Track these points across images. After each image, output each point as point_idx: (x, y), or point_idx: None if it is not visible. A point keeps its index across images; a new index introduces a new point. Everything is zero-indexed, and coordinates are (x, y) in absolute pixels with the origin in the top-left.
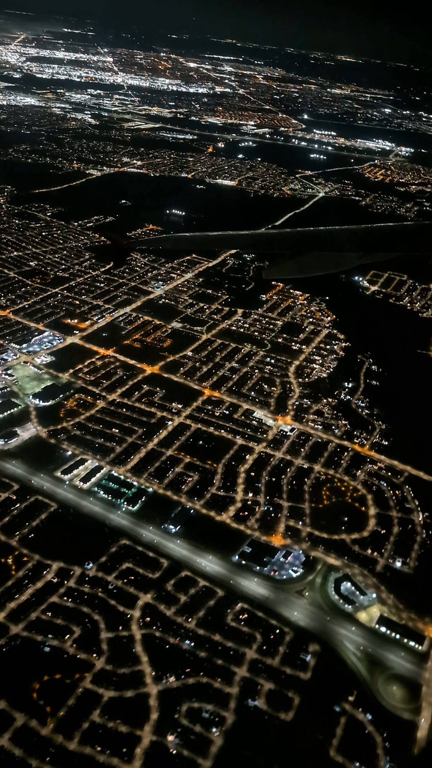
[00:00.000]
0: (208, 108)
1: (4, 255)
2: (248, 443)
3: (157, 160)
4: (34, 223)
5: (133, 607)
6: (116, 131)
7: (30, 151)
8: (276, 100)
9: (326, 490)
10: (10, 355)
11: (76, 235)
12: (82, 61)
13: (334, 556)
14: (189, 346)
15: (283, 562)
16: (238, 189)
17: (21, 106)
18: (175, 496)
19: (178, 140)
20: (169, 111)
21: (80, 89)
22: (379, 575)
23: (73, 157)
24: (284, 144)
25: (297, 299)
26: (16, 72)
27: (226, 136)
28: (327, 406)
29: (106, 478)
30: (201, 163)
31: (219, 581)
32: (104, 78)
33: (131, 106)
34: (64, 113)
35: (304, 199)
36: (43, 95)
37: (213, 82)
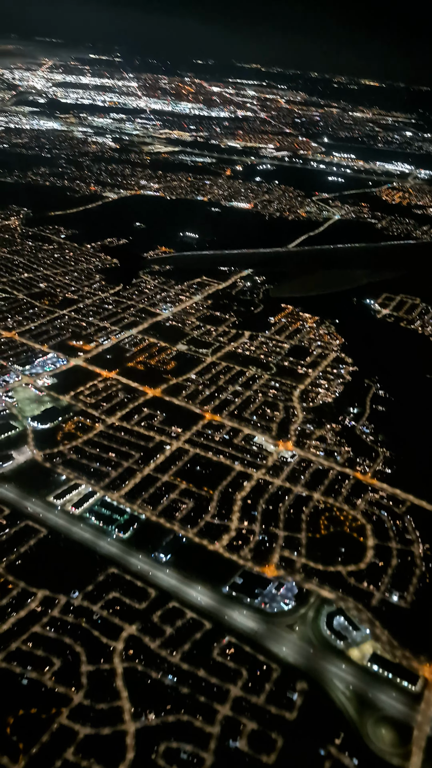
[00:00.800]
0: (229, 131)
1: (15, 276)
2: (247, 469)
3: (174, 183)
4: (47, 245)
5: (116, 639)
6: (136, 155)
7: (49, 174)
8: (297, 123)
9: (324, 519)
10: (12, 377)
11: (88, 257)
12: (107, 86)
13: (328, 588)
14: (193, 369)
15: (274, 594)
16: (254, 212)
17: (43, 130)
18: (168, 523)
19: (197, 163)
20: (190, 135)
21: (103, 113)
22: (375, 610)
23: (90, 180)
24: (302, 167)
25: (306, 322)
26: (41, 97)
27: (245, 159)
28: (330, 431)
29: (99, 504)
30: (218, 186)
31: (207, 613)
32: (127, 102)
33: (152, 129)
34: (86, 137)
35: (320, 221)
36: (66, 119)
37: (235, 106)
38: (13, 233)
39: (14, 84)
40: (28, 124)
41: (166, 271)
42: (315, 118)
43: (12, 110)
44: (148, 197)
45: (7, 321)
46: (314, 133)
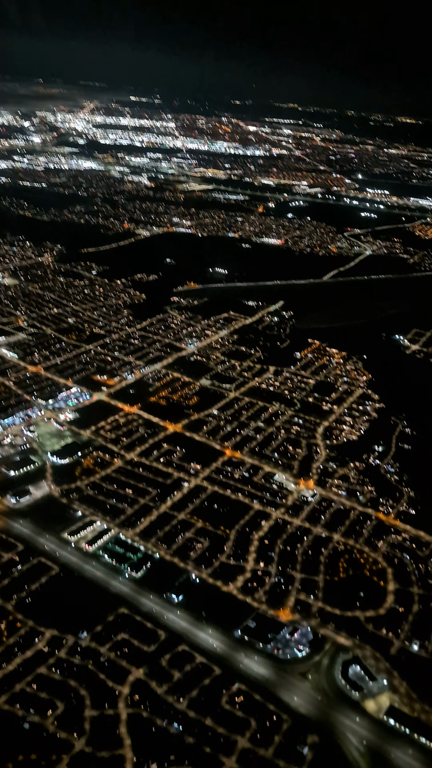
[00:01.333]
0: (263, 169)
1: (45, 312)
2: (265, 508)
3: (207, 220)
4: (78, 281)
5: (122, 683)
6: (170, 192)
7: (84, 212)
8: (331, 160)
9: (344, 561)
10: (36, 412)
11: (118, 292)
12: (146, 127)
13: (344, 635)
14: (215, 404)
15: (288, 640)
16: (284, 247)
17: (82, 170)
18: (182, 563)
19: (230, 201)
20: (224, 173)
21: (140, 153)
22: (393, 659)
23: (124, 218)
24: (335, 203)
25: (333, 357)
26: (82, 138)
27: (278, 196)
28: (353, 470)
29: (113, 542)
30: (250, 222)
31: (218, 658)
32: (165, 142)
33: (187, 168)
34: (122, 176)
35: (351, 256)
36: (104, 159)
37: (270, 145)
38: (45, 270)
39: (56, 126)
40: (67, 164)
41: (193, 306)
42: (350, 155)
43: (52, 151)
44: (179, 234)
45: (34, 356)
46: (348, 170)
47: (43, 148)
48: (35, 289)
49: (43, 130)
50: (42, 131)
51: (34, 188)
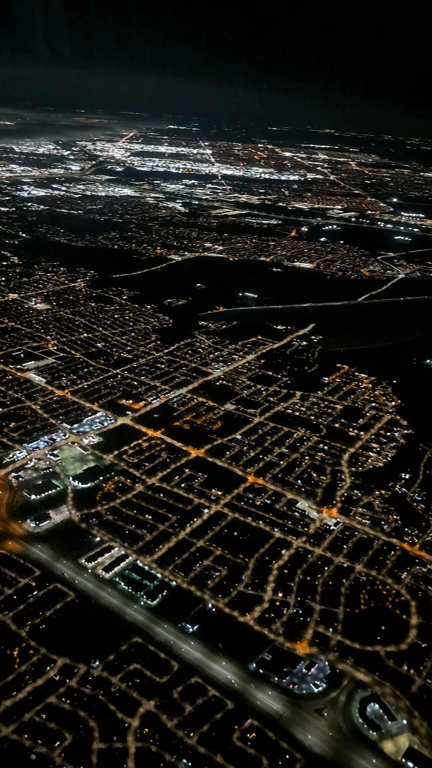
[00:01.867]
0: (297, 194)
1: (75, 336)
2: (286, 537)
3: (239, 244)
4: (108, 306)
5: (132, 715)
6: (203, 218)
7: (118, 238)
8: (366, 184)
9: (365, 593)
10: (60, 435)
11: (147, 317)
12: (182, 154)
13: (364, 670)
14: (239, 429)
15: (305, 674)
16: (316, 271)
17: (117, 197)
18: (198, 591)
19: (262, 225)
20: (258, 198)
21: (176, 180)
22: (414, 697)
23: (157, 244)
24: (369, 227)
25: (361, 382)
26: (119, 166)
27: (311, 220)
28: (379, 498)
29: (130, 568)
30: (282, 246)
31: (231, 691)
32: (200, 169)
33: (222, 194)
34: (157, 202)
35: (383, 280)
36: (140, 186)
37: (305, 170)
38: (77, 295)
39: (95, 155)
40: (104, 191)
41: (221, 330)
42: (385, 178)
43: (90, 179)
44: (211, 259)
45: (62, 380)
46: (383, 194)
47: (81, 176)
48: (66, 314)
49: (82, 158)
50: (81, 160)
51: (71, 215)
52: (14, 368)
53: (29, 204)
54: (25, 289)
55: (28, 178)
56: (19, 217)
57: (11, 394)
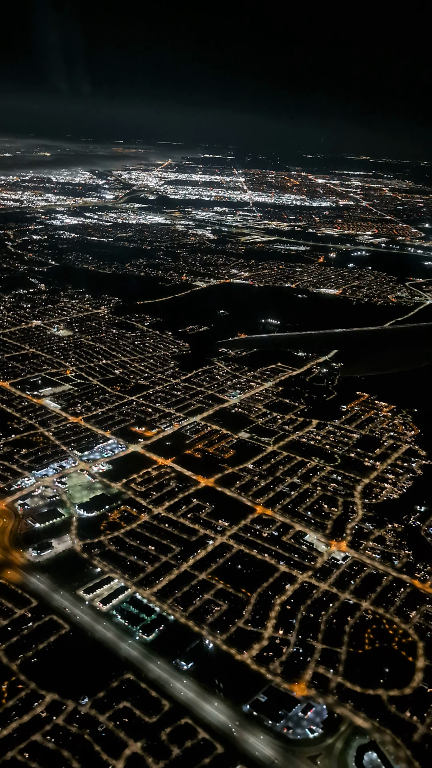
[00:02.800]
0: (328, 220)
1: (93, 363)
2: (292, 570)
3: (265, 271)
4: (130, 332)
5: (118, 757)
6: (232, 245)
7: (145, 265)
8: (399, 210)
9: (370, 632)
10: (70, 463)
11: (167, 344)
12: (215, 182)
13: (363, 716)
14: (251, 458)
15: (301, 718)
16: (341, 297)
17: (148, 224)
18: (196, 627)
19: (290, 252)
20: (288, 224)
21: (207, 207)
22: (415, 746)
23: (183, 270)
24: (399, 252)
25: (380, 411)
26: (152, 194)
27: (340, 246)
28: (391, 532)
29: (128, 601)
30: (308, 273)
31: (222, 734)
32: (232, 196)
33: (252, 221)
34: (187, 229)
35: (410, 306)
36: (171, 214)
37: (338, 196)
38: (100, 321)
39: (129, 183)
40: (135, 219)
41: (241, 357)
42: (418, 204)
43: (122, 207)
44: (236, 285)
45: (76, 407)
46: (415, 219)
47: (114, 204)
48: (87, 340)
49: (116, 187)
50: (115, 188)
51: (101, 243)
52: (31, 394)
53: (61, 232)
54: (49, 316)
55: (62, 207)
56: (50, 245)
57: (25, 420)
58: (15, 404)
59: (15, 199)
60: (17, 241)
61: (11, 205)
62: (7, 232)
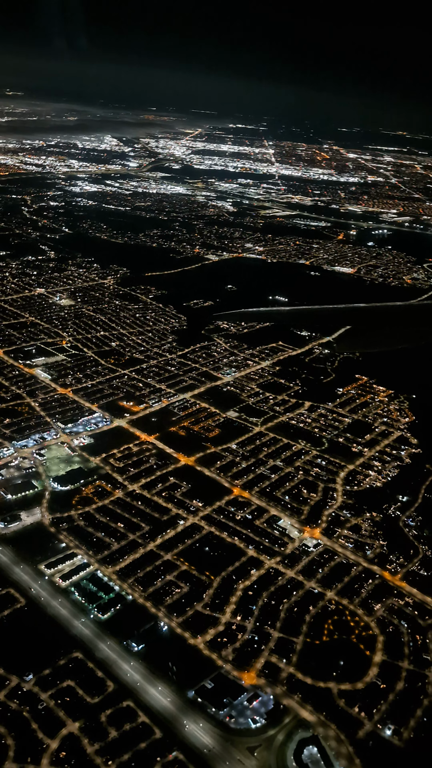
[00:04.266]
0: (353, 196)
1: (90, 334)
2: (260, 555)
3: (280, 246)
4: (132, 304)
5: (53, 736)
6: (250, 218)
7: (159, 236)
8: (429, 188)
9: (331, 623)
10: (52, 434)
11: (168, 318)
12: (244, 153)
13: (310, 708)
14: (236, 439)
15: (245, 707)
16: (355, 276)
17: (168, 194)
18: (153, 608)
19: (310, 227)
20: (312, 199)
21: (231, 179)
22: (359, 744)
23: (197, 243)
24: (422, 232)
25: (377, 395)
26: (177, 163)
27: (362, 223)
28: (368, 521)
29: (88, 578)
30: (325, 250)
31: (162, 719)
32: (259, 168)
33: (275, 194)
34: (207, 201)
35: (425, 288)
36: (193, 184)
37: (367, 172)
38: (104, 292)
39: (155, 152)
40: (156, 189)
41: (242, 334)
42: None
43: (145, 176)
44: (248, 260)
45: (67, 378)
46: None
47: (137, 172)
48: (88, 311)
49: (142, 155)
50: (140, 156)
51: (118, 211)
52: (23, 363)
53: (79, 199)
54: (54, 285)
55: (84, 174)
56: (66, 212)
57: (13, 389)
58: (5, 373)
59: (37, 164)
60: (34, 207)
61: (33, 170)
62: (24, 197)
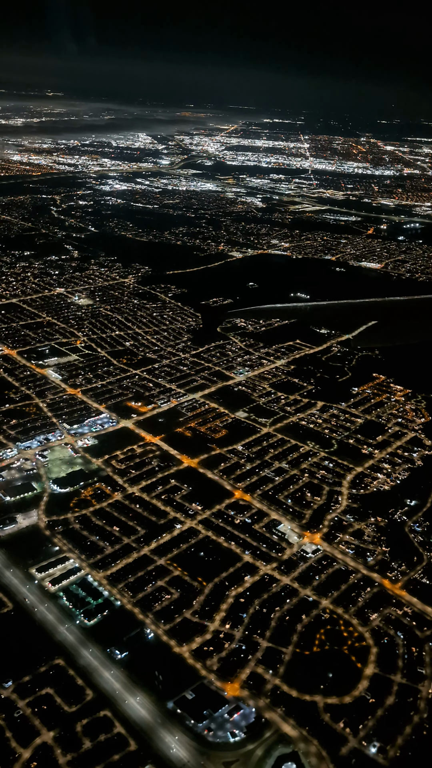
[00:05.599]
0: (387, 190)
1: (105, 333)
2: (256, 561)
3: (307, 242)
4: (151, 303)
5: (26, 746)
6: (279, 214)
7: (184, 234)
8: None
9: (323, 633)
10: (57, 436)
11: (185, 316)
12: (278, 149)
13: (293, 722)
14: (243, 440)
15: (225, 720)
16: (381, 272)
17: (197, 191)
18: (141, 615)
19: (339, 222)
20: (343, 193)
21: (263, 174)
22: (341, 761)
23: (222, 240)
24: None
25: (393, 395)
26: (210, 160)
27: (394, 217)
28: (372, 526)
29: (78, 583)
30: (353, 245)
31: (138, 731)
32: (292, 163)
33: (306, 189)
34: (236, 197)
35: None
36: (224, 181)
37: (403, 164)
38: (123, 291)
39: (189, 149)
40: (185, 186)
41: (258, 332)
42: None
43: (176, 173)
44: (272, 256)
45: (77, 378)
46: None
47: (168, 170)
48: (106, 310)
49: (175, 152)
50: (174, 154)
51: (145, 209)
52: (35, 364)
53: (108, 198)
54: (74, 284)
55: (116, 173)
56: (94, 211)
57: (23, 390)
58: (17, 374)
59: (70, 164)
60: (62, 206)
61: (65, 170)
62: (54, 197)
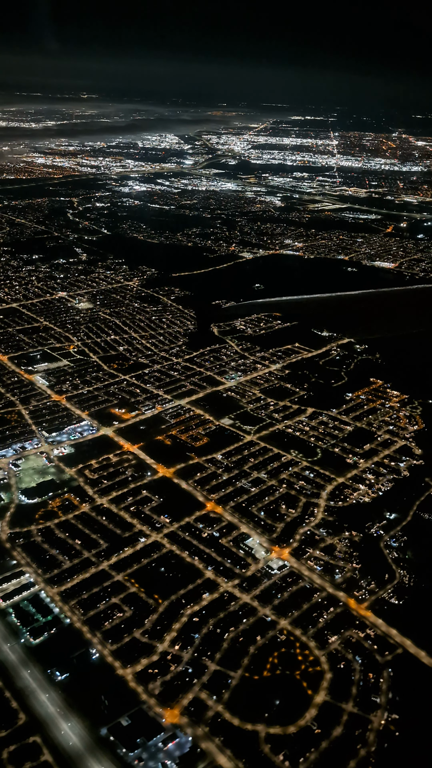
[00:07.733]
0: (412, 186)
1: (100, 338)
2: (217, 578)
3: (322, 241)
4: (152, 306)
5: None
6: (297, 213)
7: (197, 235)
8: None
9: (276, 656)
10: (34, 444)
11: (184, 320)
12: (305, 146)
13: (230, 754)
14: (223, 448)
15: (159, 749)
16: (395, 271)
17: (217, 191)
18: (89, 633)
19: (358, 220)
20: (366, 191)
21: (286, 173)
22: None
23: (235, 240)
24: None
25: (389, 401)
26: (235, 159)
27: (416, 215)
28: (345, 540)
29: (29, 599)
30: (369, 244)
31: (66, 760)
32: (318, 161)
33: (329, 187)
34: (255, 196)
35: None
36: (246, 180)
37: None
38: (125, 294)
39: (215, 148)
40: (206, 186)
41: (257, 336)
42: None
43: (198, 173)
44: (284, 257)
45: (64, 384)
46: None
47: (191, 170)
48: (105, 314)
49: (200, 152)
50: (199, 153)
51: (161, 210)
52: (24, 370)
53: (125, 199)
54: (77, 288)
55: (137, 174)
56: (110, 213)
57: (8, 396)
58: (4, 380)
59: (93, 165)
60: (79, 209)
61: (87, 171)
62: (72, 199)
